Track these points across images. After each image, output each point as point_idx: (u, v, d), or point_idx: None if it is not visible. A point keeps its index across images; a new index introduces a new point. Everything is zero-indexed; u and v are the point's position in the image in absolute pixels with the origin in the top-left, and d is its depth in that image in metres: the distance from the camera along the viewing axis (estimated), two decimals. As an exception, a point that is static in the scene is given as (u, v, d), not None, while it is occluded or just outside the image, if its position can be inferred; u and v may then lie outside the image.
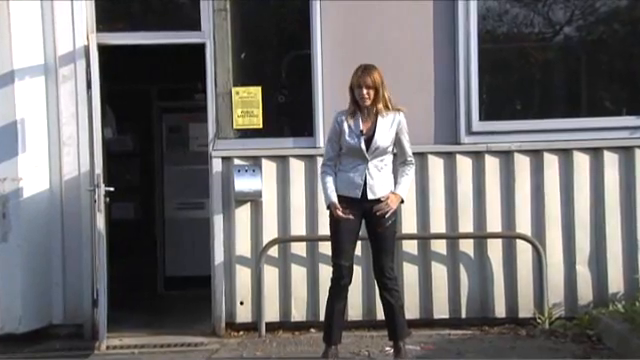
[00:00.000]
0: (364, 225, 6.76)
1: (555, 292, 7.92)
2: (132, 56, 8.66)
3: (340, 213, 6.61)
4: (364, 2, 7.94)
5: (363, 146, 6.62)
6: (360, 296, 7.86)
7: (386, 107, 6.65)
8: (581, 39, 8.36)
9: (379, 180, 6.66)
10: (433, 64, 7.94)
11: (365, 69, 6.63)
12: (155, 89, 10.71)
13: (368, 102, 6.63)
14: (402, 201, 6.78)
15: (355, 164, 6.65)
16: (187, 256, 9.95)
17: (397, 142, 6.74)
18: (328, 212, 6.74)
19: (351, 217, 6.62)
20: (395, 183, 6.77)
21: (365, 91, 6.58)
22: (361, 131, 6.64)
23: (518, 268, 7.96)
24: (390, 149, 6.71)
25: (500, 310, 7.97)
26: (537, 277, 7.90)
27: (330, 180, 6.69)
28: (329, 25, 7.91)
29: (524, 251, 7.94)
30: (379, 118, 6.65)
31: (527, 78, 8.34)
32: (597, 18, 8.31)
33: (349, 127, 6.66)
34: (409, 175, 6.82)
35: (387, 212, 6.62)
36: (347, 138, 6.65)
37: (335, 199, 6.65)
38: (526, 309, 7.93)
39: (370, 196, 6.64)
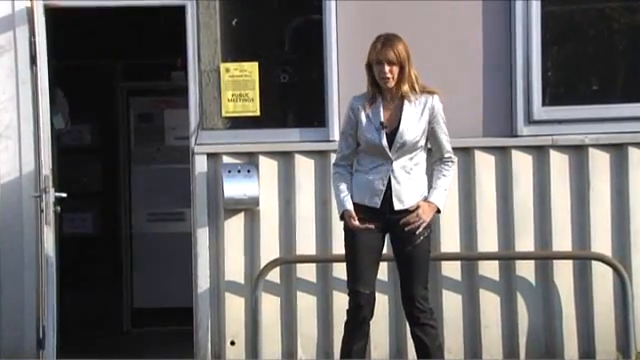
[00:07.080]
0: (389, 242, 6.80)
1: (644, 329, 8.00)
2: (90, 23, 8.89)
3: (355, 223, 6.66)
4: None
5: (385, 142, 6.64)
6: (386, 333, 8.06)
7: (412, 89, 6.66)
8: (682, -4, 8.39)
9: (407, 185, 6.67)
10: (482, 32, 8.15)
11: (386, 40, 6.62)
12: (120, 66, 10.94)
13: (391, 83, 6.63)
14: (438, 211, 6.75)
15: (376, 164, 6.68)
16: (162, 282, 9.99)
17: (431, 134, 6.70)
18: (342, 224, 6.78)
19: (371, 227, 6.65)
20: (429, 188, 6.76)
21: (387, 68, 6.58)
22: (381, 122, 6.65)
23: (595, 298, 8.11)
24: (422, 144, 6.70)
25: (571, 352, 8.13)
26: (620, 309, 8.04)
27: (344, 182, 6.78)
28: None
29: (602, 276, 8.09)
30: (405, 104, 6.66)
31: (607, 50, 8.44)
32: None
33: (367, 117, 6.69)
34: (447, 177, 6.78)
35: (418, 226, 6.65)
36: (365, 131, 6.70)
37: (350, 206, 6.69)
38: (606, 351, 8.09)
39: (397, 206, 6.64)
